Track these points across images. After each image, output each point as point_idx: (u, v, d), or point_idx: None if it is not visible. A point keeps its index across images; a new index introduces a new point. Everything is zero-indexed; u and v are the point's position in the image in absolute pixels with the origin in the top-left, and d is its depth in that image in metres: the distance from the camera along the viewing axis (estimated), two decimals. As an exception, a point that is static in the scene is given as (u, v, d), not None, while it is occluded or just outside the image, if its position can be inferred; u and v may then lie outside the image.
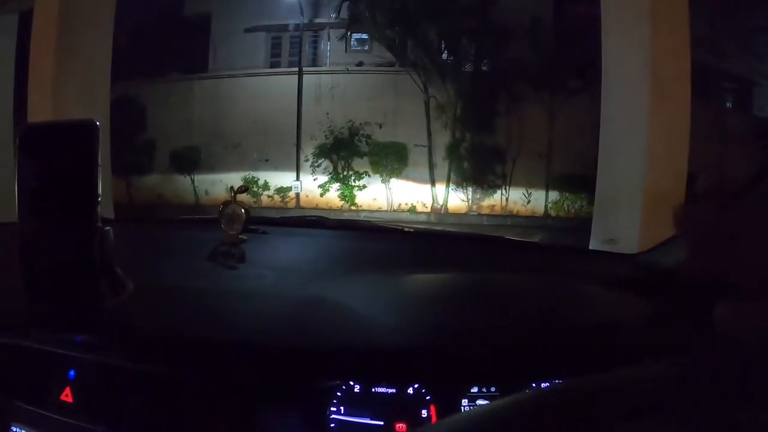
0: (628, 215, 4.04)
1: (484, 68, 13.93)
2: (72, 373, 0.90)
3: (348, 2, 13.31)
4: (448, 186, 13.41)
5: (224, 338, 0.92)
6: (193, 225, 1.88)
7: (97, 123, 0.81)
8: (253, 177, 14.21)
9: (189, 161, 14.64)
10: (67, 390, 0.89)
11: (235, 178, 14.31)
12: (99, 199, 0.81)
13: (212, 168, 14.60)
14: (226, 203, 1.35)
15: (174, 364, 0.89)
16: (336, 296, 1.06)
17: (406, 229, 1.88)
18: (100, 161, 0.81)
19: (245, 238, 1.35)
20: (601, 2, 4.66)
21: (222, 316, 0.99)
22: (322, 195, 13.55)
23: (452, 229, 9.03)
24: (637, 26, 4.18)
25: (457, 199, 13.55)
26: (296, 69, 14.36)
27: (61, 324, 0.85)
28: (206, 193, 14.69)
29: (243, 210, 1.34)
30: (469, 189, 13.51)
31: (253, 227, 1.40)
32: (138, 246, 1.39)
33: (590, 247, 4.61)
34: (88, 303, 0.83)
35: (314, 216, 4.00)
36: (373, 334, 0.94)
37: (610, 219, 4.47)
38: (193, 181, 14.71)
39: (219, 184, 14.52)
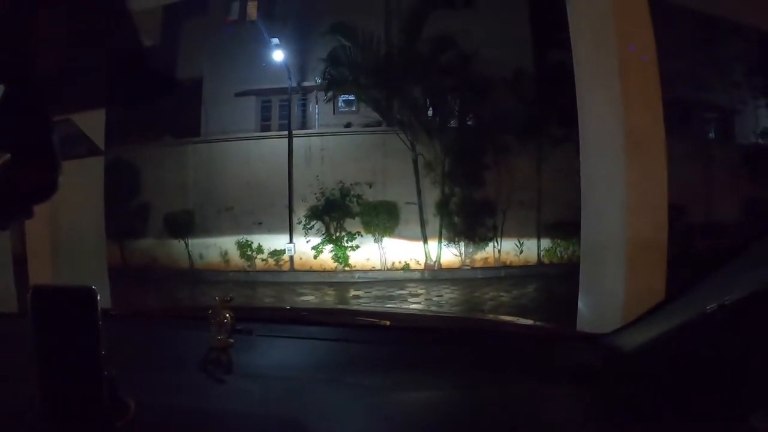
0: (614, 267, 4.12)
1: (469, 123, 14.20)
2: None
3: (331, 66, 13.59)
4: (440, 242, 13.47)
5: None
6: (184, 320, 1.92)
7: (94, 288, 0.93)
8: (247, 240, 14.26)
9: (183, 225, 14.69)
10: None
11: (229, 242, 14.43)
12: (103, 353, 0.93)
13: (206, 232, 14.69)
14: (214, 311, 1.40)
15: None
16: (317, 420, 1.10)
17: (386, 324, 1.89)
18: (101, 324, 0.93)
19: (233, 341, 1.40)
20: (574, 60, 4.87)
21: None
22: (315, 257, 13.54)
23: (437, 308, 9.00)
24: (609, 82, 4.36)
25: (450, 254, 13.59)
26: (286, 132, 14.58)
27: None
28: (200, 257, 14.74)
29: (229, 316, 1.40)
30: (462, 243, 13.58)
31: (241, 327, 1.44)
32: (133, 352, 1.46)
33: (579, 300, 4.66)
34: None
35: (301, 309, 4.05)
36: None
37: (597, 270, 4.55)
38: (187, 245, 14.74)
39: (213, 247, 14.63)
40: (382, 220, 13.24)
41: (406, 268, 13.39)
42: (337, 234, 13.41)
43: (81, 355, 0.93)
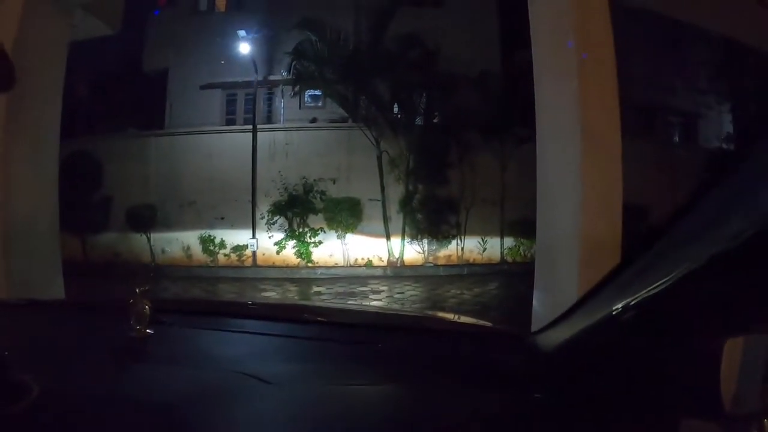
0: (568, 265, 4.17)
1: (434, 120, 14.27)
2: None
3: (298, 60, 13.49)
4: (403, 239, 13.50)
5: None
6: (105, 310, 1.88)
7: None
8: (209, 235, 14.09)
9: (145, 219, 14.38)
10: None
11: (192, 237, 14.22)
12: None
13: (168, 226, 14.42)
14: (134, 301, 1.39)
15: None
16: (220, 406, 1.08)
17: (308, 318, 1.86)
18: None
19: (151, 332, 1.39)
20: (533, 58, 4.91)
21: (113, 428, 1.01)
22: (278, 252, 13.45)
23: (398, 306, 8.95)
24: (567, 83, 4.40)
25: (413, 251, 13.65)
26: (251, 126, 14.42)
27: None
28: (163, 251, 14.49)
29: (148, 307, 1.38)
30: (425, 240, 13.65)
31: (159, 318, 1.44)
32: (51, 341, 1.45)
33: (534, 298, 4.71)
34: None
35: (223, 302, 3.96)
36: None
37: (551, 268, 4.60)
38: (149, 240, 14.47)
39: (175, 242, 14.39)
40: (346, 216, 13.21)
41: (369, 264, 13.42)
42: (300, 230, 13.33)
43: None
